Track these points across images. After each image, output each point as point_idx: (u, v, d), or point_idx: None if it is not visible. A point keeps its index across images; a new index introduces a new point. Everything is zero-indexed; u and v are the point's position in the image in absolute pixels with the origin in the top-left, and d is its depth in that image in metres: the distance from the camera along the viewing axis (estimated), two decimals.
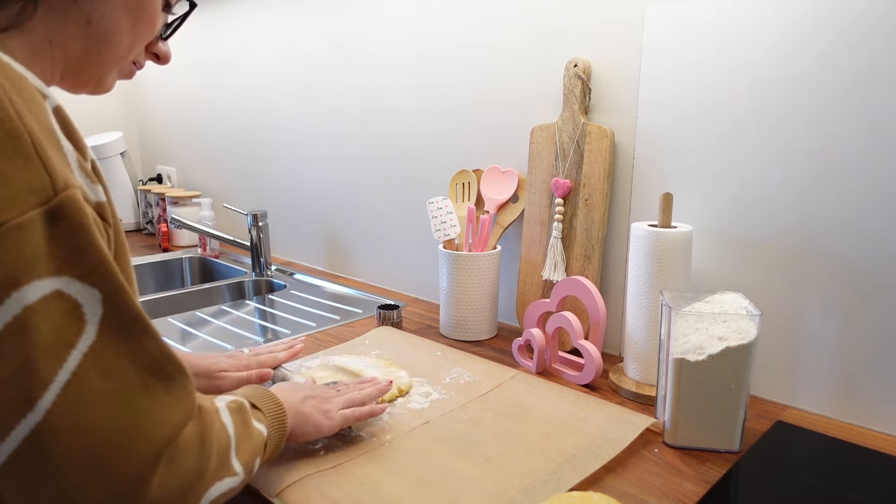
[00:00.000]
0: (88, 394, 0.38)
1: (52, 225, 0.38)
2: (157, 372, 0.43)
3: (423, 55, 1.26)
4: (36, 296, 0.37)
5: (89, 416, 0.38)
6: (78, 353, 0.38)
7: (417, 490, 0.64)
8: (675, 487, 0.67)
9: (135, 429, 0.40)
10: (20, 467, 0.37)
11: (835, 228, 0.80)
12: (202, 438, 0.47)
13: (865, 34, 0.74)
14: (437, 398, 0.85)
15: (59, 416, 0.37)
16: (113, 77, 0.57)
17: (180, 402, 0.44)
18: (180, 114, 2.03)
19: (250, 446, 0.55)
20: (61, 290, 0.38)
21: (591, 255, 1.01)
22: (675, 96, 0.91)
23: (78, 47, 0.51)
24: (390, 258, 1.43)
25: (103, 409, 0.39)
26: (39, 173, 0.37)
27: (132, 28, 0.53)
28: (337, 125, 1.49)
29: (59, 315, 0.38)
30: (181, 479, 0.44)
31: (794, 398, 0.86)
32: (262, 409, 0.61)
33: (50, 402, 0.37)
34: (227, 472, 0.51)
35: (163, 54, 0.62)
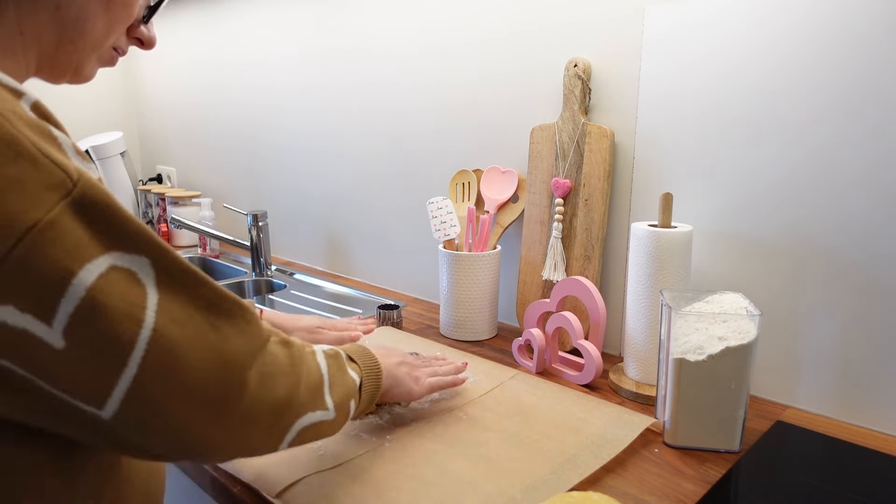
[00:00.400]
0: (171, 342, 0.42)
1: (83, 212, 0.40)
2: (217, 310, 0.47)
3: (422, 55, 1.26)
4: (93, 277, 0.39)
5: (175, 361, 0.43)
6: (151, 311, 0.42)
7: (418, 490, 0.64)
8: (675, 487, 0.67)
9: (216, 360, 0.45)
10: (132, 412, 0.42)
11: (835, 229, 0.80)
12: (291, 368, 0.53)
13: (864, 33, 0.74)
14: (437, 398, 0.85)
15: (150, 367, 0.41)
16: (92, 65, 0.55)
17: (244, 332, 0.48)
18: (180, 114, 2.03)
19: (343, 389, 0.60)
20: (114, 265, 0.41)
21: (591, 255, 1.01)
22: (675, 96, 0.91)
23: (50, 36, 0.49)
24: (390, 258, 1.43)
25: (185, 352, 0.43)
26: (51, 170, 0.38)
27: (105, 12, 0.51)
28: (337, 125, 1.49)
29: (120, 286, 0.41)
30: (271, 400, 0.50)
31: (794, 398, 0.86)
32: (358, 363, 0.67)
33: (140, 357, 0.41)
34: (318, 406, 0.56)
35: (146, 38, 0.59)
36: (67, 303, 0.38)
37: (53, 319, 0.38)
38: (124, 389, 0.41)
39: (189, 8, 1.86)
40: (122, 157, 2.07)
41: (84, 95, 2.13)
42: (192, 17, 1.86)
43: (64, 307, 0.38)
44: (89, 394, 0.41)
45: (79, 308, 0.39)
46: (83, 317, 0.39)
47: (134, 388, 0.41)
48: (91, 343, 0.40)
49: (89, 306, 0.39)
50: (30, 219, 0.37)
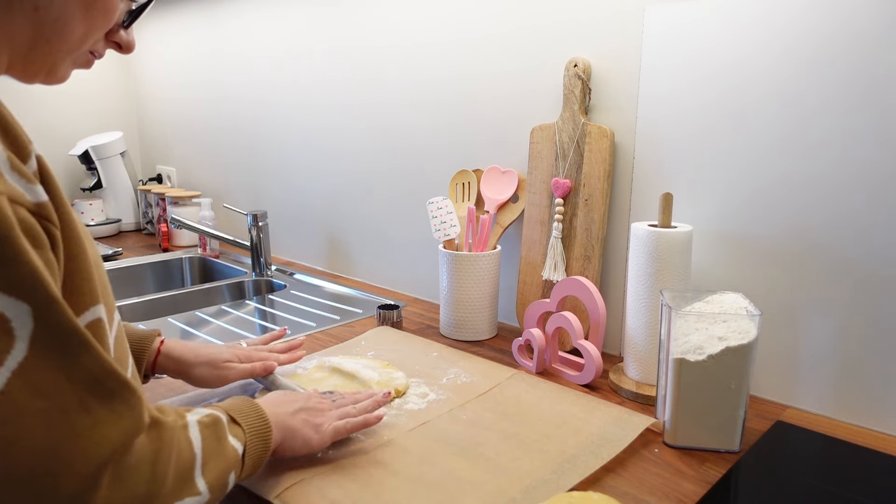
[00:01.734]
0: (18, 413, 0.36)
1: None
2: (96, 388, 0.40)
3: (423, 54, 1.26)
4: None
5: (21, 435, 0.36)
6: (6, 370, 0.36)
7: (417, 490, 0.64)
8: (675, 487, 0.67)
9: (71, 448, 0.38)
10: None
11: (835, 229, 0.80)
12: (156, 456, 0.46)
13: (863, 31, 0.74)
14: (435, 399, 0.85)
15: None
16: (67, 67, 0.52)
17: (122, 419, 0.42)
18: (180, 114, 2.03)
19: (220, 464, 0.53)
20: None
21: (591, 255, 1.01)
22: (674, 96, 0.91)
23: (25, 36, 0.47)
24: (390, 258, 1.43)
25: (35, 428, 0.37)
26: None
27: (85, 16, 0.49)
28: (337, 126, 1.49)
29: None
30: (130, 498, 0.43)
31: (794, 398, 0.86)
32: (241, 425, 0.60)
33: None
34: (188, 492, 0.49)
35: (125, 43, 0.56)
36: None
37: None
38: None
39: (189, 8, 1.86)
40: (122, 157, 2.07)
41: (84, 95, 2.13)
42: (192, 17, 1.86)
43: None
44: None
45: None
46: None
47: None
48: None
49: None
50: None
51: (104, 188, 2.06)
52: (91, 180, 2.06)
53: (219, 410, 0.59)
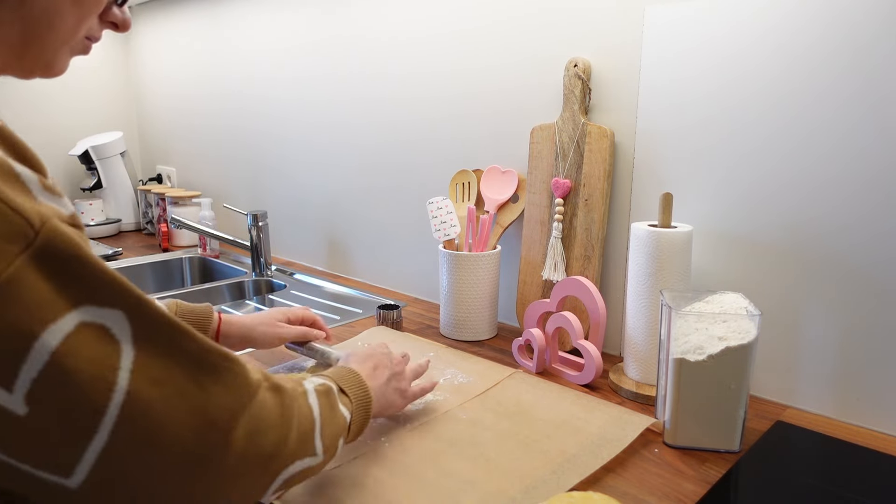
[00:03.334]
0: (148, 405, 0.39)
1: (45, 264, 0.36)
2: (203, 366, 0.43)
3: (423, 54, 1.26)
4: (58, 339, 0.36)
5: (154, 423, 0.40)
6: (125, 372, 0.39)
7: (418, 489, 0.64)
8: (675, 487, 0.67)
9: (198, 422, 0.42)
10: (101, 482, 0.39)
11: (835, 228, 0.80)
12: (281, 419, 0.50)
13: (869, 38, 0.74)
14: (432, 399, 0.85)
15: (125, 431, 0.38)
16: (64, 57, 0.51)
17: (232, 388, 0.45)
18: (180, 114, 2.03)
19: (334, 429, 0.58)
20: (84, 321, 0.37)
21: (591, 255, 1.01)
22: (675, 96, 0.91)
23: (15, 32, 0.45)
24: (390, 258, 1.43)
25: (165, 413, 0.40)
26: (9, 218, 0.35)
27: (73, 2, 0.47)
28: (338, 126, 1.49)
29: (90, 346, 0.37)
30: (258, 456, 0.47)
31: (794, 398, 0.86)
32: (349, 396, 0.64)
33: (112, 423, 0.38)
34: (307, 452, 0.53)
35: (121, 21, 0.54)
36: (30, 368, 0.35)
37: (14, 385, 0.35)
38: (93, 459, 0.38)
39: (189, 8, 1.86)
40: (122, 157, 2.07)
41: (84, 95, 2.13)
42: (192, 16, 1.86)
43: (26, 372, 0.35)
44: (54, 463, 0.37)
45: (42, 373, 0.36)
46: (47, 382, 0.36)
47: (104, 456, 0.38)
48: (56, 410, 0.36)
49: (54, 371, 0.36)
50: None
51: (104, 188, 2.06)
52: (91, 180, 2.06)
53: (329, 380, 0.63)
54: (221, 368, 0.45)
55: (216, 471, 0.44)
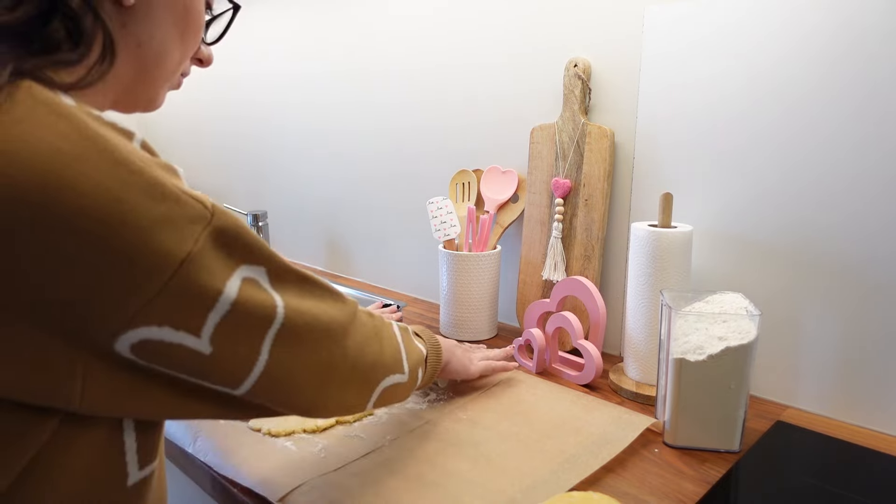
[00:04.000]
0: (292, 330, 0.49)
1: (219, 237, 0.44)
2: (320, 295, 0.53)
3: (422, 55, 1.26)
4: (234, 291, 0.44)
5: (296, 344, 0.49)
6: (280, 307, 0.48)
7: (418, 489, 0.64)
8: (675, 487, 0.67)
9: (325, 336, 0.52)
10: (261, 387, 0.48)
11: (835, 228, 0.80)
12: (377, 333, 0.61)
13: (865, 32, 0.74)
14: (435, 398, 0.85)
15: (279, 352, 0.48)
16: (164, 93, 0.57)
17: (342, 310, 0.55)
18: (181, 114, 2.03)
19: (414, 357, 0.68)
20: (245, 276, 0.46)
21: (591, 255, 1.01)
22: (675, 96, 0.91)
23: (130, 72, 0.50)
24: (390, 258, 1.43)
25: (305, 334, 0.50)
26: (191, 204, 0.42)
27: (181, 42, 0.53)
28: (337, 126, 1.49)
29: (251, 292, 0.46)
30: (364, 363, 0.57)
31: (794, 398, 0.86)
32: (423, 338, 0.75)
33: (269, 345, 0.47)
34: (398, 369, 0.63)
35: (206, 58, 0.62)
36: (215, 315, 0.43)
37: (202, 331, 0.43)
38: (257, 375, 0.47)
39: None
40: None
41: None
42: None
43: (211, 319, 0.43)
44: (228, 381, 0.46)
45: (224, 318, 0.44)
46: (228, 325, 0.44)
47: (265, 372, 0.47)
48: (234, 344, 0.45)
49: (233, 315, 0.44)
50: (182, 251, 0.41)
51: None
52: None
53: (411, 326, 0.74)
54: (329, 296, 0.55)
55: (338, 376, 0.54)
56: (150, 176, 0.40)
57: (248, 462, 0.70)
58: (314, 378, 0.52)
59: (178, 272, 0.40)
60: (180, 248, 0.41)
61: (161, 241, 0.40)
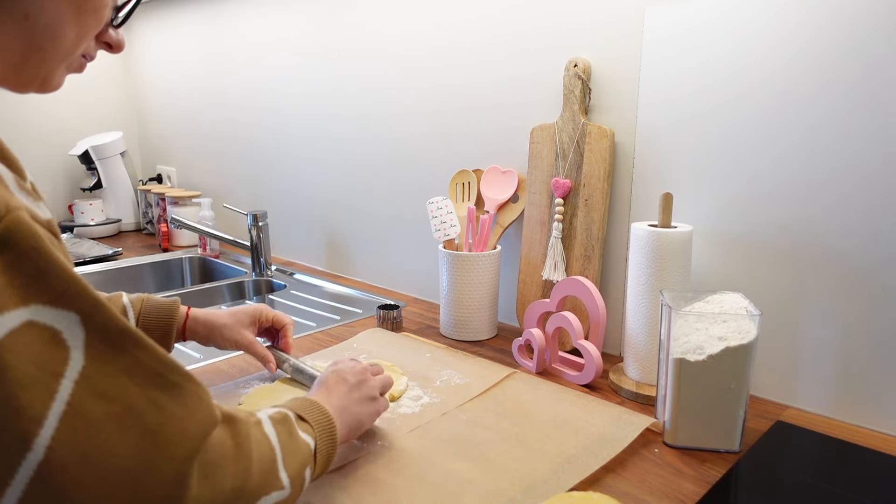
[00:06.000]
0: (90, 421, 0.36)
1: (3, 253, 0.34)
2: (161, 384, 0.40)
3: (422, 56, 1.26)
4: (2, 332, 0.34)
5: (97, 444, 0.36)
6: (69, 381, 0.35)
7: (418, 490, 0.64)
8: (675, 487, 0.67)
9: (150, 448, 0.38)
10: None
11: (835, 228, 0.80)
12: (237, 451, 0.45)
13: (867, 36, 0.74)
14: (428, 402, 0.84)
15: (63, 450, 0.35)
16: (61, 73, 0.51)
17: (194, 412, 0.41)
18: (180, 114, 2.03)
19: (297, 458, 0.54)
20: (33, 320, 0.35)
21: (591, 255, 1.01)
22: (675, 96, 0.91)
23: (16, 46, 0.45)
24: (390, 258, 1.43)
25: (111, 434, 0.36)
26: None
27: (76, 19, 0.47)
28: (337, 125, 1.49)
29: (36, 346, 0.35)
30: (220, 495, 0.43)
31: (794, 398, 0.86)
32: (309, 421, 0.59)
33: (49, 438, 0.34)
34: (274, 486, 0.49)
35: (115, 42, 0.54)
36: None
37: None
38: (24, 480, 0.34)
39: (189, 8, 1.86)
40: (122, 157, 2.07)
41: (84, 96, 2.13)
42: (192, 17, 1.86)
43: None
44: None
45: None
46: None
47: (36, 479, 0.34)
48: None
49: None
50: None
51: (104, 188, 2.06)
52: (91, 180, 2.06)
53: (283, 408, 0.59)
54: (184, 389, 0.41)
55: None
56: None
57: None
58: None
59: None
60: None
61: None
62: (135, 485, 0.37)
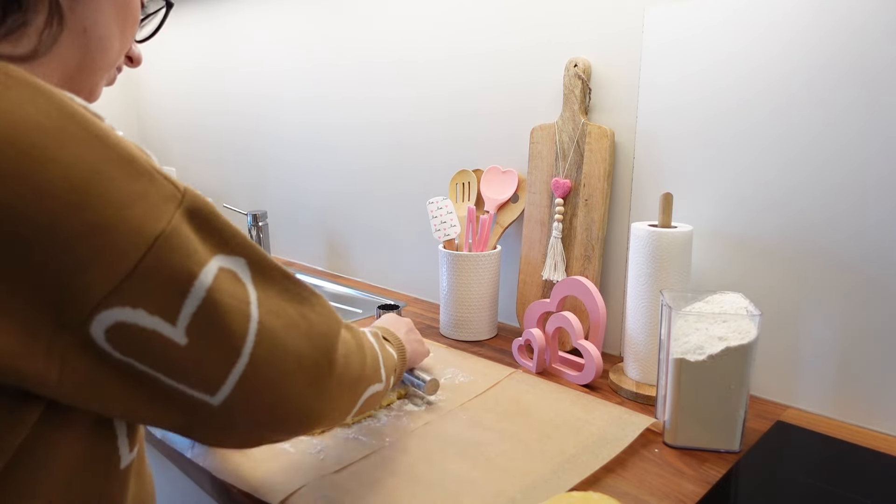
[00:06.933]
0: (271, 332, 0.47)
1: (193, 219, 0.43)
2: (303, 301, 0.51)
3: (422, 56, 1.26)
4: (210, 278, 0.43)
5: (277, 346, 0.47)
6: (254, 307, 0.46)
7: (418, 490, 0.64)
8: (675, 487, 0.67)
9: (308, 345, 0.50)
10: (240, 396, 0.45)
11: (835, 229, 0.80)
12: (359, 346, 0.59)
13: (874, 42, 0.74)
14: (433, 399, 0.85)
15: (259, 353, 0.46)
16: (102, 86, 0.56)
17: (326, 317, 0.53)
18: (180, 115, 2.03)
19: (389, 363, 0.68)
20: (222, 266, 0.44)
21: (591, 255, 1.01)
22: (675, 96, 0.91)
23: (74, 58, 0.50)
24: (390, 258, 1.43)
25: (284, 338, 0.48)
26: (164, 183, 0.42)
27: (121, 31, 0.53)
28: (337, 126, 1.49)
29: (228, 284, 0.44)
30: (352, 374, 0.56)
31: (794, 398, 0.86)
32: (390, 340, 0.76)
33: (250, 348, 0.45)
34: (377, 378, 0.63)
35: (136, 56, 0.61)
36: (190, 303, 0.42)
37: (178, 319, 0.42)
38: (237, 378, 0.45)
39: (189, 9, 1.86)
40: None
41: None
42: (193, 18, 1.86)
43: (187, 307, 0.42)
44: (205, 383, 0.44)
45: (200, 307, 0.42)
46: (203, 315, 0.42)
47: (245, 376, 0.45)
48: (210, 338, 0.43)
49: (209, 305, 0.43)
50: (156, 229, 0.40)
51: None
52: None
53: (376, 329, 0.74)
54: (316, 303, 0.53)
55: (327, 388, 0.52)
56: (126, 152, 0.40)
57: (246, 465, 0.69)
58: (301, 390, 0.49)
59: (151, 250, 0.40)
60: (154, 225, 0.40)
61: (134, 216, 0.39)
62: (303, 369, 0.49)
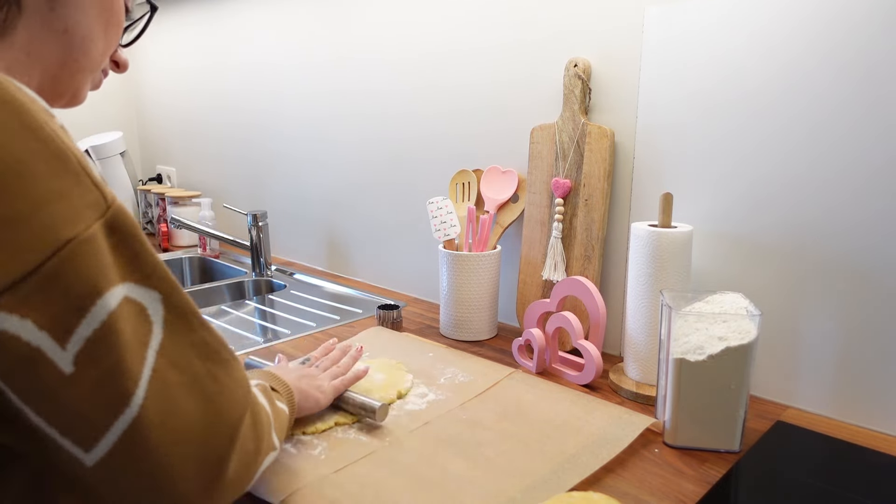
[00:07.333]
0: (168, 387, 0.41)
1: (111, 235, 0.40)
2: (217, 358, 0.46)
3: (422, 55, 1.26)
4: (115, 301, 0.39)
5: (172, 407, 0.41)
6: (153, 351, 0.41)
7: (418, 490, 0.64)
8: (675, 487, 0.67)
9: (212, 414, 0.44)
10: (118, 460, 0.40)
11: (836, 229, 0.80)
12: (254, 417, 0.51)
13: (870, 37, 0.74)
14: (434, 399, 0.85)
15: (150, 408, 0.40)
16: (87, 87, 0.55)
17: (240, 385, 0.48)
18: (180, 114, 2.03)
19: (281, 423, 0.61)
20: (128, 296, 0.40)
21: (591, 255, 1.01)
22: (675, 96, 0.91)
23: (55, 58, 0.49)
24: (390, 258, 1.43)
25: (182, 399, 0.42)
26: (90, 189, 0.39)
27: (105, 33, 0.52)
28: (337, 125, 1.49)
29: (132, 318, 0.40)
30: (247, 456, 0.49)
31: (794, 398, 0.86)
32: (279, 391, 0.66)
33: (142, 398, 0.40)
34: (270, 447, 0.55)
35: (122, 61, 0.60)
36: (87, 325, 0.38)
37: (69, 341, 0.37)
38: (119, 433, 0.39)
39: (189, 8, 1.86)
40: (122, 157, 2.07)
41: None
42: (193, 17, 1.86)
43: (82, 329, 0.38)
44: (81, 432, 0.38)
45: (97, 332, 0.38)
46: (99, 342, 0.38)
47: (129, 434, 0.39)
48: (100, 372, 0.38)
49: (107, 331, 0.38)
50: (70, 232, 0.37)
51: None
52: None
53: (261, 381, 0.64)
54: (231, 365, 0.48)
55: (219, 485, 0.45)
56: (59, 150, 0.38)
57: None
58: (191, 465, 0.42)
59: (59, 252, 0.36)
60: (68, 228, 0.37)
61: (50, 214, 0.36)
62: (199, 440, 0.43)
